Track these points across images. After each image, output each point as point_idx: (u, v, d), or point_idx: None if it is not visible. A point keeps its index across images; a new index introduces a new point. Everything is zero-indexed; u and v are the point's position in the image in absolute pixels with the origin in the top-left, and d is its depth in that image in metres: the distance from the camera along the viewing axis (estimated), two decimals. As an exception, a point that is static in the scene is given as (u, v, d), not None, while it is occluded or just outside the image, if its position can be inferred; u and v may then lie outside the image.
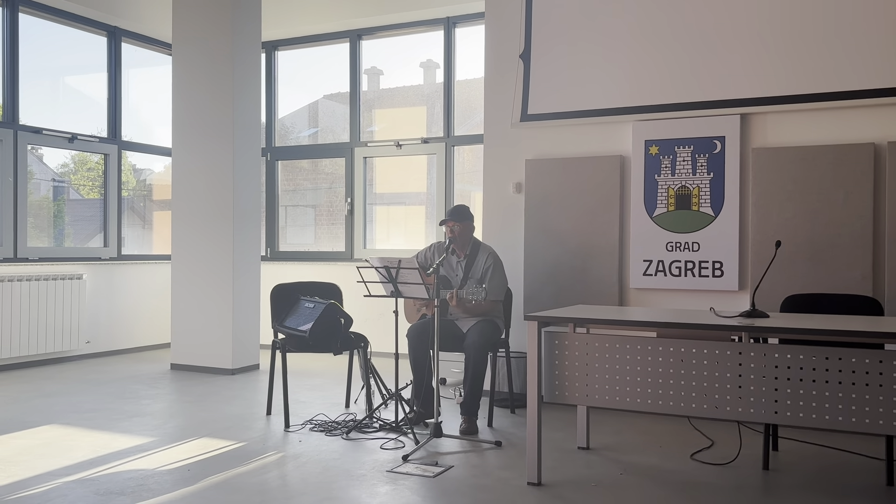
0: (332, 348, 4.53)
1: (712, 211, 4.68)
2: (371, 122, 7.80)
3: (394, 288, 4.24)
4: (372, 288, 4.38)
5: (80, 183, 7.49)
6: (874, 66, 4.33)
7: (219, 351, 6.24)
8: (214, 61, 6.30)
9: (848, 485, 3.40)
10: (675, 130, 4.79)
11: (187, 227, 6.42)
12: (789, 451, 3.93)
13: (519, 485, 3.37)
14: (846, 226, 4.36)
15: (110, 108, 7.41)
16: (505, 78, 5.37)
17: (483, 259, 4.54)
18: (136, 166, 8.14)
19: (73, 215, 7.43)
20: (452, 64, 7.15)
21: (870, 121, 4.37)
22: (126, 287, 7.37)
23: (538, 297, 5.12)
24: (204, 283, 6.32)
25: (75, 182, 7.46)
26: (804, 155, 4.46)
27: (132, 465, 3.63)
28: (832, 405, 2.97)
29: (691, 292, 4.74)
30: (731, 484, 3.41)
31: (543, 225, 5.15)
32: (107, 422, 4.50)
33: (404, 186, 7.71)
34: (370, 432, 4.25)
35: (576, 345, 3.43)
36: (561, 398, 3.48)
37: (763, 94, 4.57)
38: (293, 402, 5.00)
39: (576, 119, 5.07)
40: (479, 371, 4.32)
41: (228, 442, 4.06)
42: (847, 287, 4.32)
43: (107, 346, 7.17)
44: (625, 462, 3.75)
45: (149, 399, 5.18)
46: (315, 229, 8.01)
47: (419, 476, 3.48)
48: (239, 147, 6.29)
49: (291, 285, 4.88)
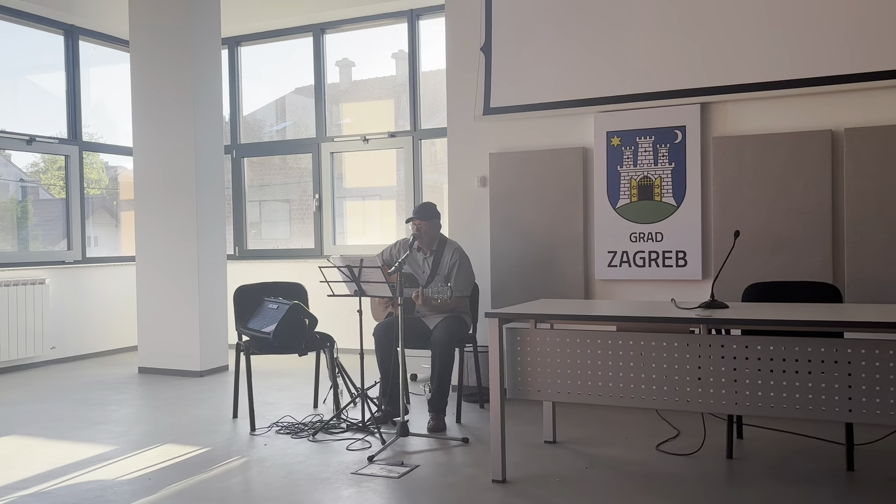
0: (297, 349, 4.49)
1: (674, 201, 4.69)
2: (340, 116, 7.73)
3: (357, 287, 4.21)
4: (335, 287, 4.34)
5: (50, 182, 7.36)
6: (831, 53, 4.35)
7: (186, 353, 6.17)
8: (173, 58, 6.20)
9: (810, 470, 3.43)
10: (637, 121, 4.78)
11: (151, 228, 6.33)
12: (753, 439, 3.96)
13: (484, 482, 3.37)
14: (806, 213, 4.39)
15: (70, 108, 7.28)
16: (467, 71, 5.33)
17: (449, 255, 4.52)
18: (108, 164, 8.02)
19: (43, 216, 7.29)
20: (417, 57, 7.10)
21: (827, 108, 4.40)
22: (91, 290, 7.26)
23: (505, 290, 5.11)
24: (169, 285, 6.25)
25: (45, 181, 7.33)
26: (764, 143, 4.48)
27: (92, 475, 3.57)
28: (792, 394, 2.99)
29: (656, 282, 4.75)
30: (695, 474, 3.42)
31: (509, 219, 5.14)
32: (69, 431, 4.43)
33: (374, 181, 7.66)
34: (337, 433, 4.22)
35: (537, 340, 3.42)
36: (524, 394, 3.47)
37: (722, 82, 4.57)
38: (262, 404, 4.96)
39: (538, 111, 5.05)
40: (445, 368, 4.31)
41: (192, 447, 4.01)
42: (808, 274, 4.35)
43: (73, 351, 7.07)
44: (591, 455, 3.75)
45: (114, 405, 5.11)
46: (290, 225, 7.94)
47: (384, 477, 3.46)
48: (200, 144, 6.21)
49: (255, 286, 4.83)
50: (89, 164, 7.81)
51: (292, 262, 7.39)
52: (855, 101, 4.34)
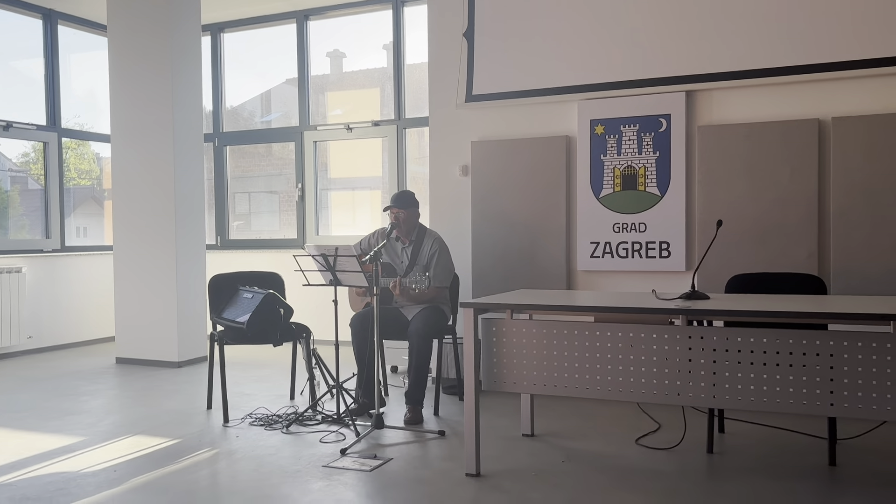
0: (272, 340, 4.39)
1: (658, 191, 4.60)
2: (326, 106, 7.61)
3: (332, 276, 4.11)
4: (311, 277, 4.25)
5: (40, 172, 7.21)
6: (819, 40, 4.27)
7: (164, 344, 6.06)
8: (151, 42, 6.07)
9: (791, 466, 3.36)
10: (621, 109, 4.69)
11: (128, 217, 6.21)
12: (735, 434, 3.88)
13: (458, 476, 3.28)
14: (792, 203, 4.31)
15: (49, 94, 7.14)
16: (450, 58, 5.23)
17: (429, 245, 4.43)
18: (99, 155, 7.89)
19: (31, 205, 7.15)
20: (402, 44, 6.99)
21: (814, 96, 4.32)
22: (70, 280, 7.13)
23: (486, 281, 5.02)
24: (147, 274, 6.13)
25: (35, 172, 7.18)
26: (749, 132, 4.40)
27: (56, 467, 3.47)
28: (773, 388, 2.91)
29: (638, 273, 4.67)
30: (674, 469, 3.34)
31: (491, 208, 5.04)
32: (38, 421, 4.33)
33: (359, 171, 7.55)
34: (311, 425, 4.13)
35: (514, 331, 3.34)
36: (500, 386, 3.38)
37: (708, 70, 4.49)
38: (238, 395, 4.86)
39: (521, 99, 4.95)
40: (422, 359, 4.22)
41: (162, 439, 3.92)
42: (794, 266, 4.27)
43: (50, 340, 6.95)
44: (569, 448, 3.67)
45: (87, 395, 5.00)
46: (279, 216, 7.81)
47: (355, 470, 3.37)
48: (179, 132, 6.09)
49: (230, 275, 4.72)
50: (80, 155, 7.67)
51: (274, 253, 7.28)
52: (843, 90, 4.26)
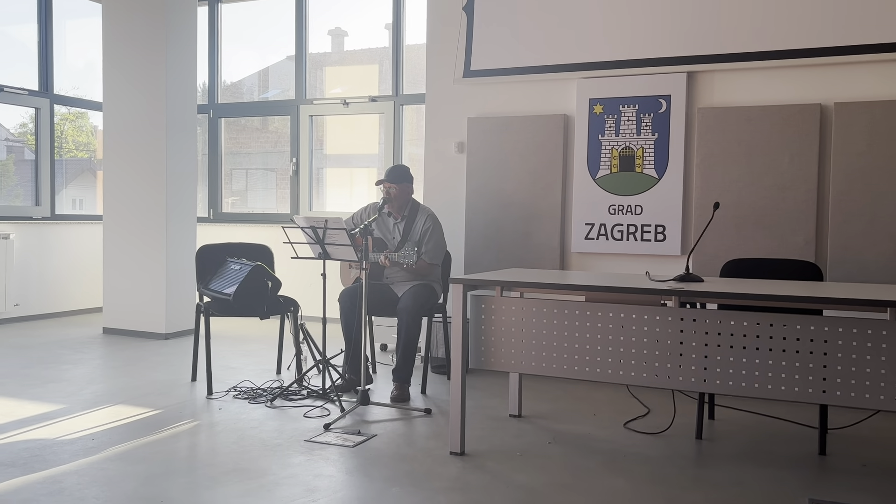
0: (259, 312, 4.33)
1: (656, 173, 4.52)
2: (324, 83, 7.50)
3: (321, 249, 4.03)
4: (300, 250, 4.17)
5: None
6: (823, 24, 4.17)
7: (152, 315, 5.99)
8: (146, 10, 5.96)
9: (781, 454, 3.30)
10: (620, 89, 4.60)
11: (119, 186, 6.12)
12: (725, 420, 3.83)
13: (441, 455, 3.22)
14: (790, 189, 4.24)
15: (41, 59, 7.02)
16: (448, 32, 5.13)
17: (422, 221, 4.35)
18: (97, 128, 7.78)
19: (27, 175, 7.04)
20: (402, 20, 6.87)
21: (816, 81, 4.23)
22: (59, 248, 7.05)
23: (480, 260, 4.95)
24: (136, 245, 6.05)
25: (31, 142, 7.07)
26: (750, 115, 4.31)
27: (32, 434, 3.41)
28: (765, 373, 2.85)
29: (633, 257, 4.61)
30: (662, 454, 3.29)
31: (485, 186, 4.96)
32: (18, 388, 4.26)
33: (356, 148, 7.45)
34: (296, 400, 4.07)
35: (503, 309, 3.27)
36: (487, 364, 3.32)
37: (710, 51, 4.39)
38: (223, 368, 4.80)
39: (520, 76, 4.86)
40: (411, 336, 4.15)
41: (144, 409, 3.86)
42: (791, 252, 4.21)
43: (37, 309, 6.87)
44: (556, 430, 3.62)
45: (70, 364, 4.93)
46: (277, 192, 7.71)
47: (338, 446, 3.31)
48: (171, 102, 5.98)
49: (218, 246, 4.65)
50: (78, 128, 7.56)
51: (265, 227, 7.19)
52: (846, 75, 4.17)
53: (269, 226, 7.19)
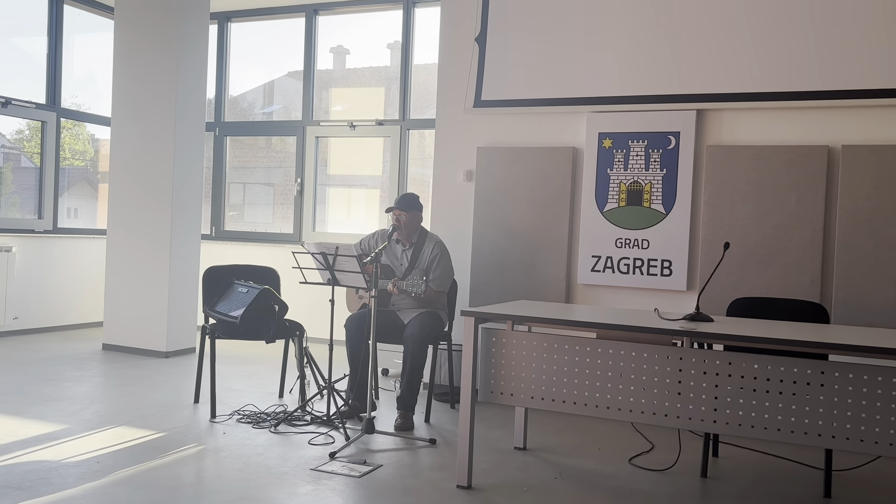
0: (265, 336, 4.32)
1: (663, 208, 4.56)
2: (329, 101, 7.54)
3: (331, 275, 4.04)
4: (308, 275, 4.18)
5: (34, 150, 7.11)
6: (831, 67, 4.24)
7: (153, 332, 5.97)
8: (158, 27, 6.00)
9: (785, 495, 3.31)
10: (630, 124, 4.65)
11: (124, 202, 6.13)
12: (729, 458, 3.84)
13: (448, 487, 3.22)
14: (797, 229, 4.28)
15: (49, 73, 7.05)
16: (460, 61, 5.18)
17: (430, 249, 4.37)
18: (94, 136, 7.80)
19: (22, 183, 7.05)
20: (411, 44, 6.93)
21: (825, 123, 4.28)
22: (60, 261, 7.04)
23: (484, 289, 4.97)
24: (139, 261, 6.05)
25: (28, 149, 7.09)
26: (758, 154, 4.36)
27: (37, 455, 3.39)
28: (772, 415, 2.87)
29: (639, 290, 4.63)
30: (667, 491, 3.30)
31: (493, 215, 4.99)
32: (20, 406, 4.24)
33: (359, 169, 7.48)
34: (300, 425, 4.07)
35: (513, 342, 3.28)
36: (496, 398, 3.33)
37: (720, 90, 4.45)
38: (226, 390, 4.79)
39: (530, 108, 4.90)
40: (416, 364, 4.16)
41: (148, 432, 3.84)
42: (795, 292, 4.24)
43: (36, 322, 6.84)
44: (561, 465, 3.62)
45: (72, 382, 4.91)
46: (273, 209, 7.73)
47: (344, 476, 3.31)
48: (181, 119, 6.01)
49: (225, 268, 4.65)
50: (75, 136, 7.57)
51: (268, 246, 7.21)
52: (854, 118, 4.23)
53: (272, 245, 7.20)
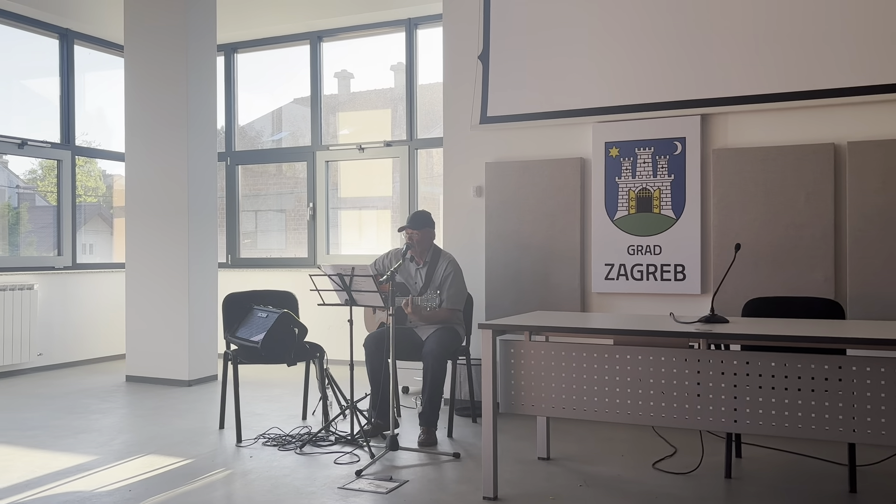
0: (286, 359, 4.39)
1: (673, 213, 4.60)
2: (337, 126, 7.65)
3: (348, 296, 4.11)
4: (326, 296, 4.25)
5: (47, 189, 7.26)
6: (833, 65, 4.28)
7: (175, 362, 6.05)
8: (168, 62, 6.13)
9: (811, 492, 3.33)
10: (636, 132, 4.71)
11: (141, 234, 6.23)
12: (752, 458, 3.85)
13: (474, 499, 3.26)
14: (808, 227, 4.31)
15: (63, 112, 7.20)
16: (464, 79, 5.26)
17: (443, 267, 4.43)
18: (105, 172, 7.94)
19: (38, 222, 7.18)
20: (415, 66, 7.03)
21: (829, 121, 4.33)
22: (81, 297, 7.14)
23: (500, 302, 5.01)
24: (158, 292, 6.14)
25: (42, 188, 7.23)
26: (765, 156, 4.40)
27: (70, 486, 3.46)
28: (793, 413, 2.89)
29: (653, 296, 4.66)
30: (693, 494, 3.32)
31: (504, 229, 5.05)
32: (50, 439, 4.32)
33: (369, 190, 7.57)
34: (325, 446, 4.11)
35: (532, 353, 3.33)
36: (517, 408, 3.37)
37: (723, 94, 4.50)
38: (250, 415, 4.84)
39: (536, 121, 4.97)
40: (437, 380, 4.21)
41: (176, 459, 3.90)
42: (809, 290, 4.26)
43: (60, 358, 6.94)
44: (585, 472, 3.65)
45: (99, 414, 4.99)
46: (286, 234, 7.83)
47: (372, 493, 3.35)
48: (194, 151, 6.12)
49: (244, 294, 4.72)
50: (86, 172, 7.71)
51: (285, 272, 7.29)
52: (858, 115, 4.27)
53: (288, 270, 7.28)
